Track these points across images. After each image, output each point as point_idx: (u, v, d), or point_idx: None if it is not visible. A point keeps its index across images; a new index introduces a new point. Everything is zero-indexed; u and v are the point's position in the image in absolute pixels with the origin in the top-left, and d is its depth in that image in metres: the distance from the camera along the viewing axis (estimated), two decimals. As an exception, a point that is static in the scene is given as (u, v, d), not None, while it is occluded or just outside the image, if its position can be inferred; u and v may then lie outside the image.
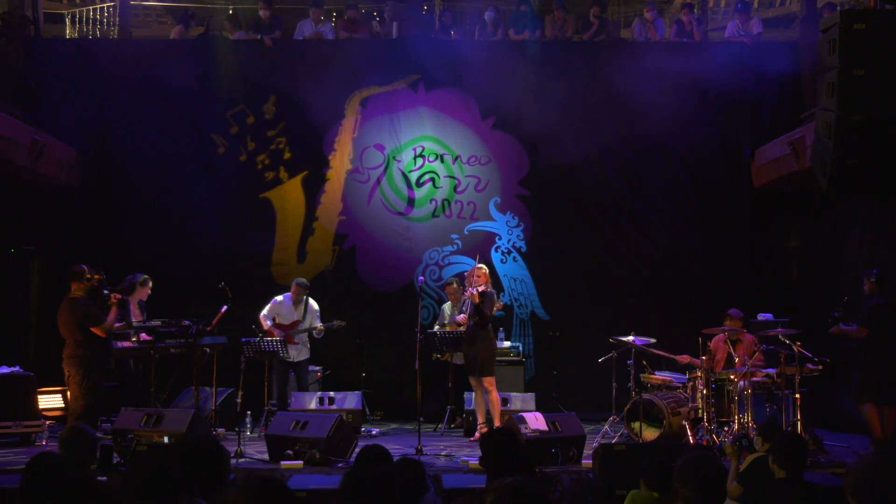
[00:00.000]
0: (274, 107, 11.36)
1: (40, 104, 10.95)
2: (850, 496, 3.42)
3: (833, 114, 5.81)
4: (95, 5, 13.27)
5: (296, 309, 9.73)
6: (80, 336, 7.74)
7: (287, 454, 7.28)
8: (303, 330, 9.65)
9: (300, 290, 9.72)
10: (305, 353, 9.79)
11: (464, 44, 11.65)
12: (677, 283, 11.19)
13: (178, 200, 11.10)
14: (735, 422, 8.06)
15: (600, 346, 9.39)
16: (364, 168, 11.44)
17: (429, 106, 11.48)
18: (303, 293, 9.75)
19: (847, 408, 9.43)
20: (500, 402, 8.78)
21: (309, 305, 9.79)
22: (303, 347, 9.75)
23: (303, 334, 9.69)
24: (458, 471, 7.19)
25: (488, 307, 8.62)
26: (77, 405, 7.77)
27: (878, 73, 5.72)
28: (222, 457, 4.06)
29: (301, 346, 9.72)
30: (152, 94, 11.17)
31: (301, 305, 9.75)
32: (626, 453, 6.73)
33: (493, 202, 11.41)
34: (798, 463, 4.57)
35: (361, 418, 9.52)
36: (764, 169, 10.81)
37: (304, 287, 9.77)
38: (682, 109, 11.00)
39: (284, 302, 9.76)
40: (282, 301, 9.77)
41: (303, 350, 9.75)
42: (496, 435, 4.52)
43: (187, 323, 8.55)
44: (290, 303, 9.75)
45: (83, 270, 7.88)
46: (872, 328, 8.02)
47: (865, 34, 5.71)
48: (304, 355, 9.77)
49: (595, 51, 11.65)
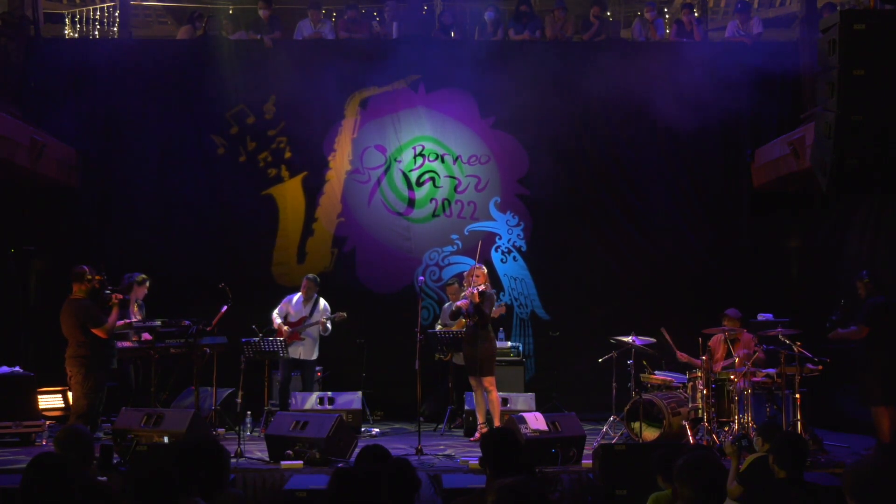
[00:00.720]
0: (274, 107, 11.36)
1: (40, 104, 10.96)
2: (849, 496, 3.42)
3: (833, 114, 5.81)
4: (95, 5, 13.28)
5: (305, 306, 9.74)
6: (81, 337, 7.76)
7: (287, 454, 7.27)
8: (309, 325, 9.65)
9: (310, 284, 9.74)
10: (312, 353, 9.75)
11: (464, 44, 11.66)
12: (677, 283, 11.19)
13: (178, 200, 11.10)
14: (735, 422, 8.05)
15: (600, 346, 9.39)
16: (364, 168, 11.44)
17: (429, 106, 11.49)
18: (313, 288, 9.75)
19: (847, 408, 9.44)
20: (500, 402, 8.78)
21: (318, 303, 9.79)
22: (311, 346, 9.71)
23: (311, 331, 9.66)
24: (458, 471, 7.19)
25: (488, 307, 8.62)
26: (79, 405, 7.79)
27: (878, 73, 5.72)
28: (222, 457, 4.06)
29: (309, 343, 9.67)
30: (152, 95, 11.18)
31: (311, 302, 9.75)
32: (626, 453, 6.73)
33: (493, 202, 11.41)
34: (798, 463, 4.57)
35: (361, 418, 9.51)
36: (764, 169, 10.81)
37: (313, 282, 9.78)
38: (682, 109, 10.99)
39: (294, 299, 9.78)
40: (293, 299, 9.80)
41: (310, 348, 9.70)
42: (496, 435, 4.52)
43: (187, 323, 8.55)
44: (300, 300, 9.76)
45: (84, 271, 7.90)
46: (874, 327, 7.95)
47: (865, 34, 5.71)
48: (310, 354, 9.73)
49: (595, 51, 11.65)
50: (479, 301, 8.52)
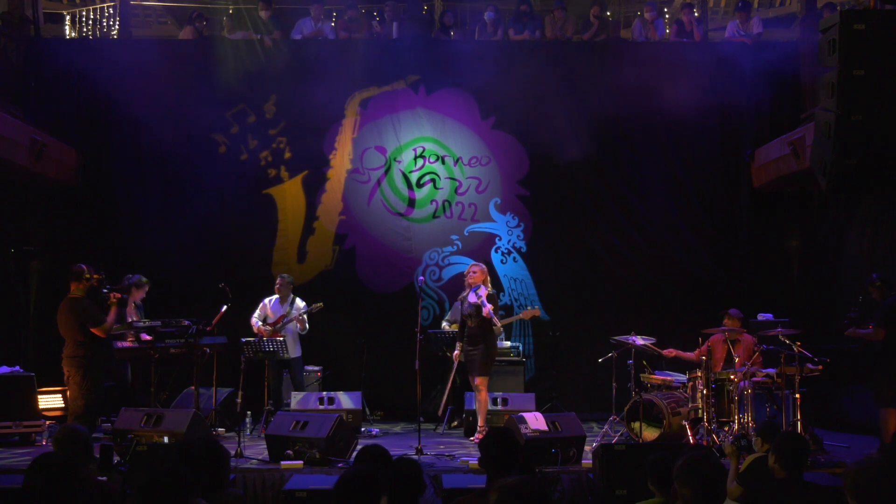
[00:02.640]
0: (274, 106, 11.36)
1: (40, 104, 10.95)
2: (850, 496, 3.43)
3: (833, 114, 5.81)
4: (95, 5, 13.27)
5: (282, 305, 9.73)
6: (79, 336, 7.75)
7: (287, 454, 7.28)
8: (287, 321, 9.60)
9: (284, 282, 9.72)
10: (295, 349, 9.70)
11: (464, 44, 11.64)
12: (677, 283, 11.19)
13: (178, 200, 11.09)
14: (735, 422, 8.05)
15: (600, 346, 9.39)
16: (364, 168, 11.43)
17: (429, 107, 11.48)
18: (288, 287, 9.74)
19: (847, 408, 9.44)
20: (487, 404, 8.81)
21: (295, 302, 9.78)
22: (292, 343, 9.63)
23: (289, 328, 9.62)
24: (458, 471, 7.19)
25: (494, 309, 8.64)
26: (77, 405, 7.79)
27: (878, 73, 5.72)
28: (222, 457, 4.07)
29: (289, 340, 9.55)
30: (152, 94, 11.16)
31: (287, 302, 9.75)
32: (626, 453, 6.73)
33: (494, 203, 11.41)
34: (798, 463, 4.57)
35: (361, 418, 9.51)
36: (764, 169, 10.81)
37: (288, 281, 9.78)
38: (682, 109, 11.00)
39: (272, 301, 9.78)
40: (269, 301, 9.79)
41: (292, 345, 9.61)
42: (496, 435, 4.52)
43: (187, 323, 8.56)
44: (277, 301, 9.76)
45: (83, 270, 7.89)
46: (890, 328, 7.92)
47: (865, 34, 5.71)
48: (294, 351, 9.68)
49: (595, 51, 11.65)
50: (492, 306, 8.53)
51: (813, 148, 6.40)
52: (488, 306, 8.52)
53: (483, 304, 8.53)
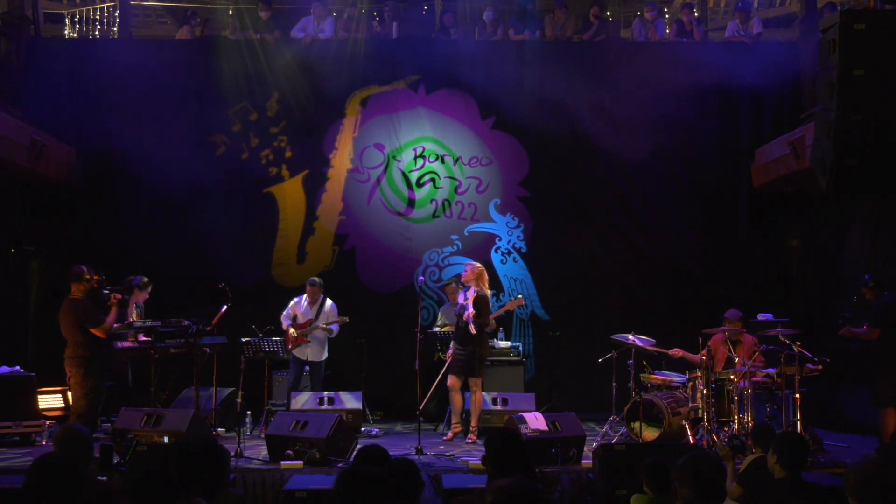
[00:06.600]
0: (276, 104, 11.37)
1: (40, 104, 10.94)
2: (851, 496, 3.43)
3: (833, 114, 5.80)
4: (95, 5, 13.27)
5: (311, 308, 9.75)
6: (80, 337, 7.76)
7: (287, 454, 7.28)
8: (315, 328, 9.66)
9: (312, 289, 9.75)
10: (321, 354, 9.80)
11: (464, 44, 11.63)
12: (677, 283, 11.19)
13: (179, 200, 11.07)
14: (735, 422, 8.05)
15: (600, 346, 9.39)
16: (364, 167, 11.44)
17: (428, 106, 11.48)
18: (317, 292, 9.77)
19: (847, 408, 9.44)
20: (480, 405, 8.85)
21: (324, 304, 9.80)
22: (318, 347, 9.74)
23: (317, 334, 9.69)
24: (458, 471, 7.19)
25: (484, 311, 8.63)
26: (78, 405, 7.79)
27: (878, 73, 5.71)
28: (222, 457, 4.06)
29: (315, 345, 9.70)
30: (152, 94, 11.15)
31: (316, 305, 9.77)
32: (626, 453, 6.73)
33: (494, 203, 11.41)
34: (798, 463, 4.57)
35: (361, 418, 9.52)
36: (764, 169, 10.81)
37: (318, 286, 9.78)
38: (682, 109, 11.00)
39: (301, 302, 9.80)
40: (299, 301, 9.82)
41: (317, 350, 9.74)
42: (501, 434, 4.53)
43: (187, 323, 8.55)
44: (307, 303, 9.78)
45: (83, 271, 7.89)
46: (885, 328, 7.96)
47: (865, 34, 5.71)
48: (319, 356, 9.78)
49: (595, 51, 11.65)
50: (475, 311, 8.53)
51: (813, 148, 6.39)
52: (470, 311, 8.53)
53: (466, 307, 8.56)
